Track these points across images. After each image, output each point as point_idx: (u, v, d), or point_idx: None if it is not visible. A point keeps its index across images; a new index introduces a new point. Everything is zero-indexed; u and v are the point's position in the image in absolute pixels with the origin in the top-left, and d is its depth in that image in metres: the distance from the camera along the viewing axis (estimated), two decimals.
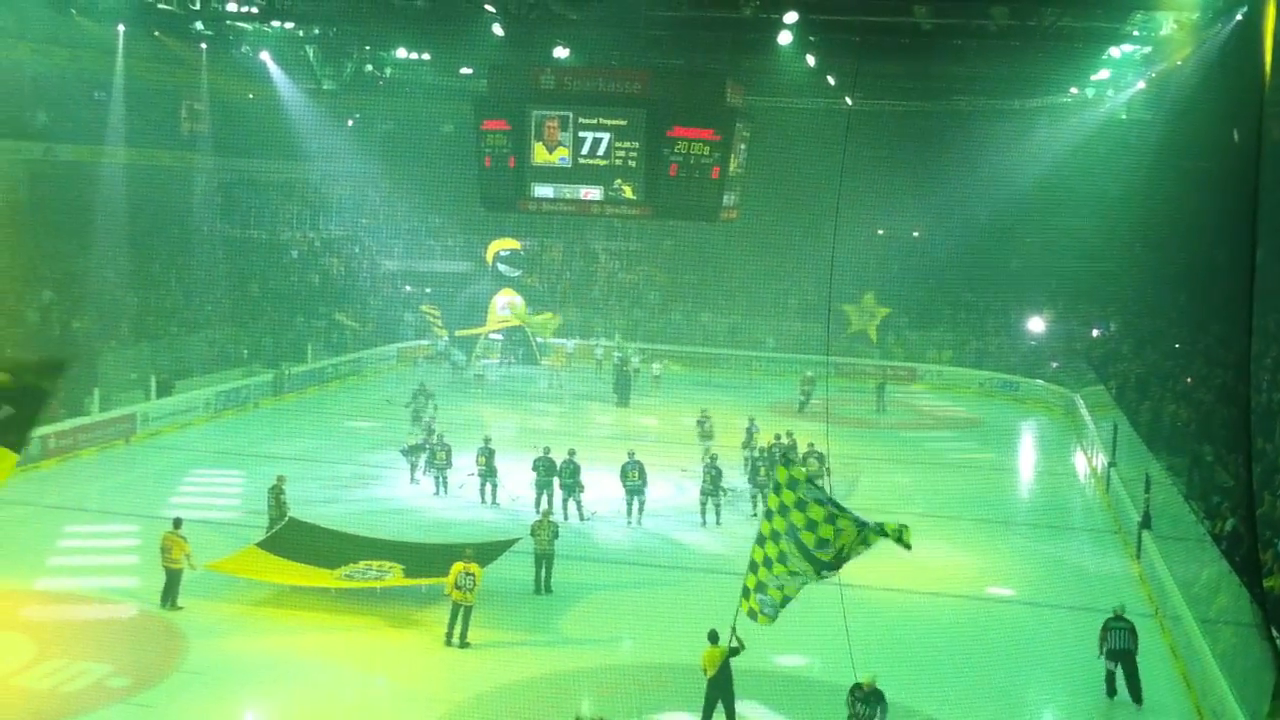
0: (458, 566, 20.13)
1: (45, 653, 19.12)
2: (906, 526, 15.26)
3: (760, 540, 16.65)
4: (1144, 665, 19.33)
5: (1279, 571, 18.77)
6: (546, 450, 28.12)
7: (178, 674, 18.76)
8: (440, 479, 29.77)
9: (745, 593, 16.72)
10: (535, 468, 27.91)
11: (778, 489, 16.01)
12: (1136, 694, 18.96)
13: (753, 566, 16.59)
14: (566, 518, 26.99)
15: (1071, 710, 19.39)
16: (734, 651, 16.91)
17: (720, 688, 16.96)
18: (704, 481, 28.03)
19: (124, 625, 20.69)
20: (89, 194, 42.49)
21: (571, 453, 27.98)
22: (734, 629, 16.80)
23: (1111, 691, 19.17)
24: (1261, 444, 24.73)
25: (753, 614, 16.63)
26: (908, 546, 15.16)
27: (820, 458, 28.58)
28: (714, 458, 28.68)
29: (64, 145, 43.02)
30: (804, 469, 19.39)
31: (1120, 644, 19.08)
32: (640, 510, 27.62)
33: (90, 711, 17.34)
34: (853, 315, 48.80)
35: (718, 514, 27.86)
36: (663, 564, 25.44)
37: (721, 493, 28.01)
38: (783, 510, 16.00)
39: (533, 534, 23.04)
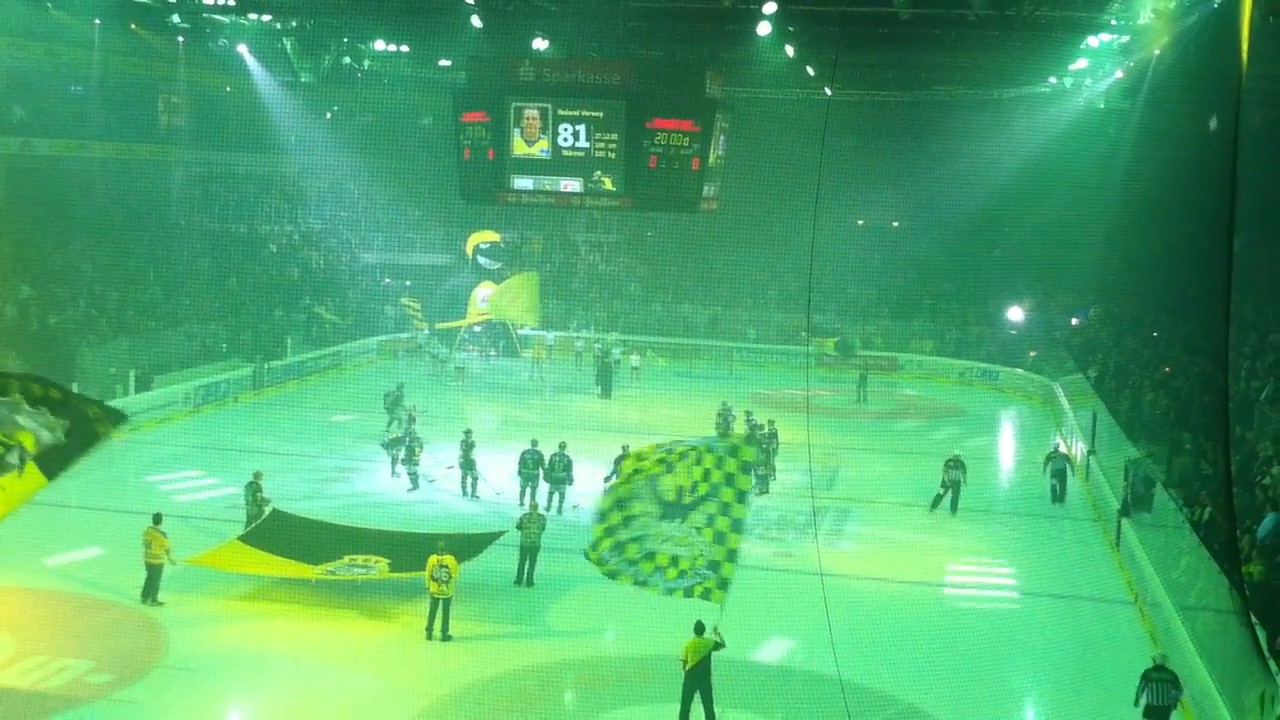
0: (432, 560, 20.07)
1: (25, 649, 19.02)
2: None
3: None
4: (1122, 653, 19.49)
5: (1257, 558, 18.89)
6: (535, 443, 28.06)
7: (159, 669, 18.70)
8: (412, 475, 29.67)
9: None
10: (523, 461, 27.83)
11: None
12: None
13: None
14: (549, 510, 26.85)
15: (1053, 697, 19.48)
16: (716, 646, 16.77)
17: (699, 680, 16.76)
18: None
19: (105, 621, 20.58)
20: (66, 188, 42.20)
21: (562, 446, 27.93)
22: (716, 626, 16.66)
23: None
24: (1240, 431, 24.85)
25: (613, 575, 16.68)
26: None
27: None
28: None
29: (40, 140, 42.79)
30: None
31: (1159, 699, 16.59)
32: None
33: (72, 708, 17.25)
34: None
35: None
36: None
37: None
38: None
39: (520, 527, 22.95)
